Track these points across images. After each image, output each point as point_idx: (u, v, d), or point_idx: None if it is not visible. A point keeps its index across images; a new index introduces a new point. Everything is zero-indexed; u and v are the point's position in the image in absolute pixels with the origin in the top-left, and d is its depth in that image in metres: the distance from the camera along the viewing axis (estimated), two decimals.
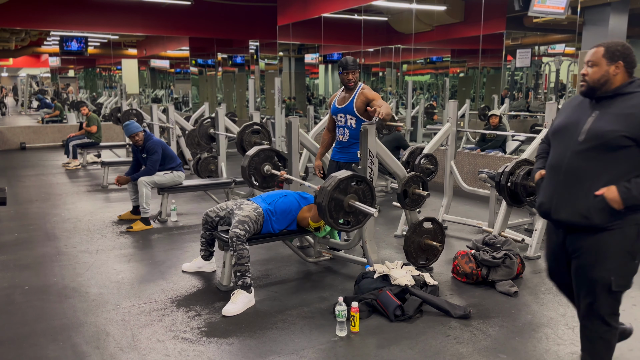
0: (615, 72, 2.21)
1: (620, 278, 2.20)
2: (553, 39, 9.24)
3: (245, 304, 3.25)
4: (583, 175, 2.18)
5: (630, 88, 2.18)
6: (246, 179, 4.16)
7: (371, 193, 3.25)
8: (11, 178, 7.87)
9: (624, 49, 2.22)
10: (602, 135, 2.13)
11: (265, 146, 4.24)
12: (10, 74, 28.14)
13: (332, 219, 3.13)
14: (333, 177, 3.15)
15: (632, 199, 2.10)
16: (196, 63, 14.59)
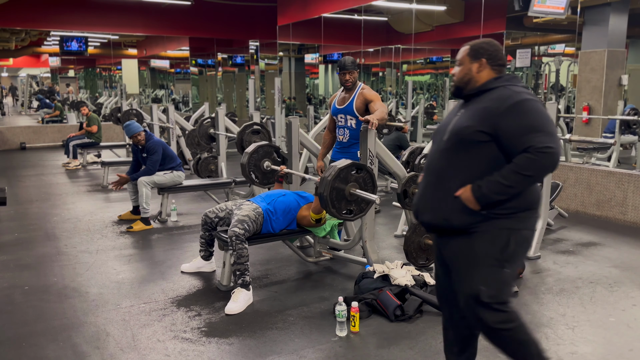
0: (479, 69, 2.12)
1: (490, 288, 2.00)
2: (553, 39, 9.24)
3: (245, 301, 3.27)
4: (444, 175, 2.08)
5: (496, 83, 2.07)
6: (246, 176, 4.15)
7: (372, 180, 3.25)
8: (11, 178, 7.87)
9: (488, 46, 2.13)
10: (459, 132, 2.04)
11: (263, 142, 4.24)
12: (10, 74, 28.14)
13: (334, 209, 3.13)
14: (333, 166, 3.15)
15: (484, 197, 1.95)
16: (196, 63, 14.60)
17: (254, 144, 4.21)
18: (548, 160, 1.90)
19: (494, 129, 1.96)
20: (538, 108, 1.97)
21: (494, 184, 1.94)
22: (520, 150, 1.91)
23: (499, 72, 2.12)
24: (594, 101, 7.75)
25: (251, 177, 4.15)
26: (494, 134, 1.96)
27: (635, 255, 4.28)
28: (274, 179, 4.18)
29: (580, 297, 3.42)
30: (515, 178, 1.91)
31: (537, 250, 4.23)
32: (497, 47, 2.15)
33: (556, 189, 4.90)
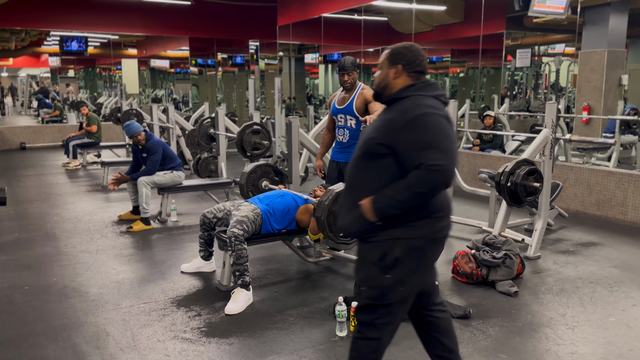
0: (395, 75, 2.05)
1: (368, 289, 2.03)
2: (553, 39, 9.24)
3: (245, 301, 3.27)
4: (354, 184, 2.06)
5: (406, 92, 2.00)
6: (245, 196, 4.20)
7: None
8: (11, 178, 7.87)
9: (406, 51, 2.06)
10: (365, 142, 2.00)
11: (261, 162, 4.30)
12: (10, 74, 28.14)
13: (331, 233, 3.14)
14: (331, 190, 3.16)
15: (380, 210, 1.92)
16: (196, 63, 14.60)
17: (251, 164, 4.25)
18: (438, 178, 1.86)
19: (393, 143, 1.92)
20: (435, 123, 1.90)
21: (388, 198, 1.91)
22: (414, 166, 1.87)
23: (416, 79, 2.04)
24: (594, 101, 7.75)
25: (249, 196, 4.19)
26: (393, 148, 1.92)
27: (635, 255, 4.28)
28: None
29: (580, 297, 3.42)
30: (407, 194, 1.88)
31: (537, 250, 4.23)
32: (416, 52, 2.06)
33: (556, 189, 4.91)
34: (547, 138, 4.26)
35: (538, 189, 4.03)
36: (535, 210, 4.58)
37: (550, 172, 4.32)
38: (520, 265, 3.71)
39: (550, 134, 4.25)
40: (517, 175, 3.99)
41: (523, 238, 4.20)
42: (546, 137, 4.26)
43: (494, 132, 5.41)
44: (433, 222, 2.00)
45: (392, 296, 2.02)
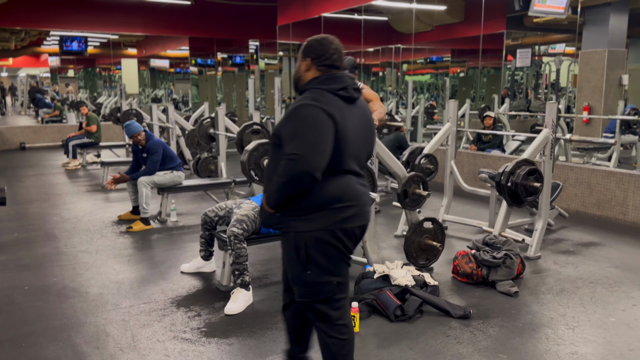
0: (306, 68, 2.07)
1: (300, 288, 2.04)
2: (553, 39, 9.24)
3: (245, 301, 3.27)
4: (267, 175, 2.09)
5: (308, 86, 2.03)
6: (246, 174, 4.14)
7: (372, 179, 3.24)
8: (11, 178, 7.87)
9: (317, 45, 2.06)
10: (272, 133, 2.06)
11: (263, 140, 4.22)
12: (10, 73, 28.14)
13: None
14: None
15: (268, 199, 1.98)
16: (196, 63, 14.59)
17: (254, 142, 4.19)
18: (293, 168, 1.87)
19: (280, 133, 1.98)
20: (307, 115, 1.92)
21: (269, 188, 1.98)
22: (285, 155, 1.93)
23: (325, 72, 2.05)
24: (594, 101, 7.75)
25: (251, 175, 4.14)
26: (281, 138, 1.97)
27: (636, 255, 4.27)
28: None
29: (580, 297, 3.42)
30: (277, 184, 1.93)
31: (537, 250, 4.23)
32: (326, 46, 2.06)
33: (556, 189, 4.90)
34: (548, 138, 4.26)
35: (538, 189, 4.02)
36: (535, 210, 4.58)
37: (550, 172, 4.32)
38: (520, 265, 3.71)
39: (550, 134, 4.25)
40: (518, 175, 3.99)
41: (523, 238, 4.20)
42: (546, 137, 4.26)
43: (494, 132, 5.40)
44: (332, 213, 1.99)
45: (326, 290, 2.04)
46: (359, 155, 2.10)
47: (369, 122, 2.16)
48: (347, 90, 2.04)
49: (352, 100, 2.06)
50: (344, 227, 2.02)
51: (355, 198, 2.05)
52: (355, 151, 2.05)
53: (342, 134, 1.97)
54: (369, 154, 2.21)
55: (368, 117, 2.16)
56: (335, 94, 2.01)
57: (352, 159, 2.05)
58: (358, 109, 2.10)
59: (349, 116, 2.02)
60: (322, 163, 1.91)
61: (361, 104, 2.14)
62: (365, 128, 2.12)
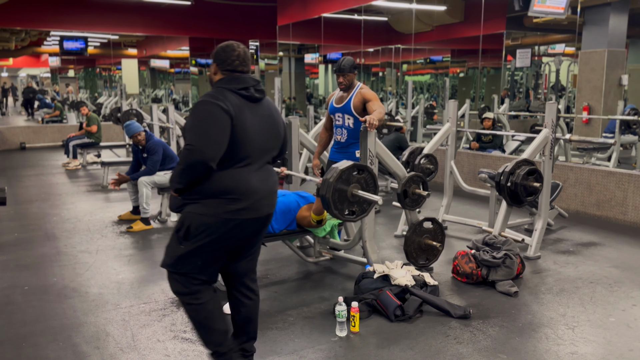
0: (214, 71, 2.31)
1: (166, 257, 2.34)
2: (553, 39, 9.24)
3: None
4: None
5: (215, 85, 2.28)
6: None
7: (373, 181, 3.25)
8: (11, 178, 7.87)
9: (221, 51, 2.28)
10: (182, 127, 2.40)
11: None
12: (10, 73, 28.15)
13: (336, 210, 3.13)
14: (335, 168, 3.15)
15: (170, 183, 2.25)
16: (196, 63, 14.59)
17: None
18: (189, 157, 2.11)
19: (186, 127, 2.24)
20: (204, 110, 2.14)
21: (174, 173, 2.21)
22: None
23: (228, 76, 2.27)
24: (594, 101, 7.75)
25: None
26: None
27: (636, 255, 4.28)
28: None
29: (580, 297, 3.42)
30: (177, 170, 2.17)
31: (537, 250, 4.23)
32: (229, 52, 2.26)
33: (556, 189, 4.90)
34: (547, 138, 4.26)
35: (538, 189, 4.02)
36: (535, 210, 4.58)
37: (550, 172, 4.32)
38: (520, 265, 3.71)
39: (550, 134, 4.25)
40: (517, 175, 3.99)
41: (523, 238, 4.20)
42: (546, 137, 4.26)
43: (494, 132, 5.41)
44: (222, 203, 2.19)
45: (186, 266, 2.29)
46: (262, 150, 2.29)
47: (274, 121, 2.36)
48: (247, 90, 2.24)
49: (255, 100, 2.27)
50: (231, 218, 2.21)
51: (248, 192, 2.23)
52: (256, 146, 2.25)
53: (239, 129, 2.17)
54: (278, 151, 2.44)
55: (274, 116, 2.38)
56: (236, 92, 2.22)
57: (253, 154, 2.25)
58: (262, 108, 2.31)
59: (250, 113, 2.23)
60: (215, 154, 2.12)
61: (267, 104, 2.35)
62: (270, 125, 2.33)
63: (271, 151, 2.37)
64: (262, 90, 2.32)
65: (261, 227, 2.39)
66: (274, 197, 2.39)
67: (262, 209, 2.30)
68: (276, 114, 2.39)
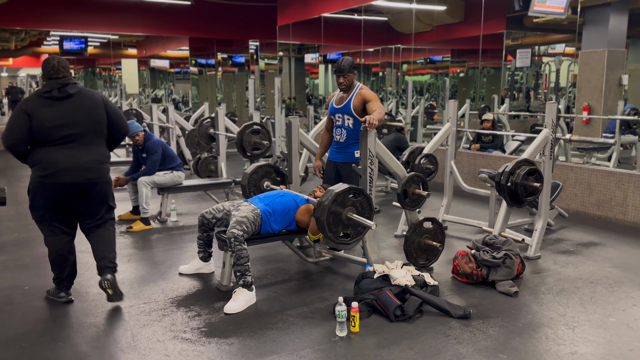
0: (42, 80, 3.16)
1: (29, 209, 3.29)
2: (553, 39, 9.24)
3: (246, 301, 3.26)
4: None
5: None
6: (247, 197, 4.20)
7: (369, 205, 3.27)
8: (11, 178, 7.87)
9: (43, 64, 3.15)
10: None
11: (262, 163, 4.29)
12: (10, 73, 28.14)
13: (331, 233, 3.15)
14: (330, 190, 3.16)
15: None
16: (196, 63, 14.60)
17: (253, 165, 4.25)
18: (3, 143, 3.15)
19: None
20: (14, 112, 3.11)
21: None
22: None
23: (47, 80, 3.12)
24: (594, 101, 7.75)
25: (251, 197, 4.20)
26: None
27: (636, 255, 4.28)
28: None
29: (580, 297, 3.42)
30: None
31: (537, 250, 4.23)
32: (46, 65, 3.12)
33: (556, 189, 4.90)
34: (547, 138, 4.26)
35: (538, 189, 4.02)
36: (535, 210, 4.58)
37: (550, 172, 4.32)
38: (520, 265, 3.71)
39: (550, 134, 4.25)
40: (517, 175, 3.99)
41: (523, 238, 4.20)
42: (546, 137, 4.26)
43: (494, 132, 5.41)
44: (36, 170, 3.12)
45: (35, 215, 3.24)
46: (64, 135, 3.09)
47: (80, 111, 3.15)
48: (50, 92, 3.08)
49: (58, 99, 3.10)
50: (40, 181, 3.11)
51: (49, 164, 3.09)
52: (55, 133, 3.07)
53: (37, 122, 3.05)
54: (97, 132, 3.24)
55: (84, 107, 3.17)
56: (41, 95, 3.10)
57: (53, 137, 3.08)
58: (68, 103, 3.12)
59: (49, 110, 3.08)
60: (15, 142, 3.08)
61: (78, 99, 3.16)
62: (72, 116, 3.12)
63: (80, 134, 3.15)
64: (66, 91, 3.11)
65: (69, 192, 3.15)
66: (81, 170, 3.14)
67: (63, 177, 3.09)
68: (89, 104, 3.19)
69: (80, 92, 3.17)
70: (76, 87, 3.16)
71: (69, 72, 3.21)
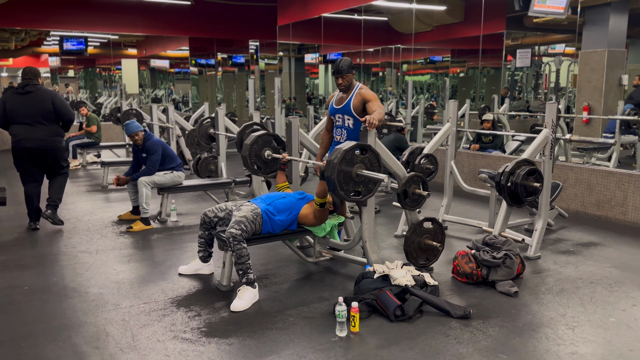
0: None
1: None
2: (553, 39, 9.24)
3: (251, 298, 3.27)
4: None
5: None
6: (248, 167, 4.13)
7: (377, 160, 3.25)
8: (11, 178, 7.87)
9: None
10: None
11: (262, 132, 4.22)
12: (10, 74, 28.13)
13: (342, 191, 3.13)
14: (338, 149, 3.15)
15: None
16: (196, 63, 14.59)
17: (252, 135, 4.17)
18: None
19: None
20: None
21: None
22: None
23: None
24: (594, 101, 7.75)
25: (253, 167, 4.14)
26: None
27: (636, 256, 4.28)
28: (277, 167, 4.17)
29: (580, 297, 3.42)
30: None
31: (537, 250, 4.23)
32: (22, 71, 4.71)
33: (556, 189, 4.90)
34: (547, 138, 4.26)
35: (538, 189, 4.03)
36: (535, 210, 4.58)
37: (550, 172, 4.32)
38: (520, 265, 3.71)
39: (550, 134, 4.25)
40: (517, 175, 3.99)
41: (523, 238, 4.20)
42: (546, 137, 4.26)
43: (494, 132, 5.41)
44: (12, 138, 4.83)
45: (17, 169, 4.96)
46: (25, 116, 4.81)
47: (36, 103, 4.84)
48: (16, 90, 4.88)
49: (23, 93, 4.84)
50: (13, 146, 4.83)
51: (15, 135, 4.80)
52: (19, 115, 4.80)
53: (9, 108, 4.82)
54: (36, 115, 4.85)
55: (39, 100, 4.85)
56: (13, 91, 4.88)
57: (18, 118, 4.81)
58: (29, 96, 4.84)
59: (16, 100, 4.84)
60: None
61: (36, 95, 4.85)
62: (30, 105, 4.83)
63: (36, 117, 4.81)
64: (26, 89, 4.84)
65: (32, 154, 4.85)
66: (35, 140, 4.81)
67: (25, 143, 4.79)
68: (41, 98, 4.85)
69: (36, 90, 4.87)
70: (35, 87, 4.87)
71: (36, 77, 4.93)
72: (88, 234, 4.91)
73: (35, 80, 4.90)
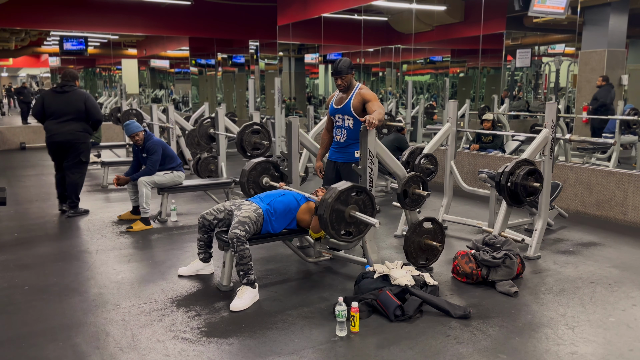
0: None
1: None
2: (553, 39, 9.24)
3: (251, 299, 3.27)
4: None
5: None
6: (246, 193, 4.20)
7: (371, 203, 3.27)
8: (11, 178, 7.87)
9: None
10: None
11: (261, 159, 4.28)
12: (10, 73, 28.14)
13: (333, 231, 3.15)
14: (333, 188, 3.16)
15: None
16: (196, 63, 14.59)
17: (252, 161, 4.23)
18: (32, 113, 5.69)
19: None
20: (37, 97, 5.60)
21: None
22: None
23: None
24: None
25: (251, 194, 4.19)
26: None
27: (635, 255, 4.28)
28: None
29: (580, 297, 3.42)
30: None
31: (537, 250, 4.23)
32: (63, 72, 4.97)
33: (556, 189, 4.90)
34: (547, 138, 4.26)
35: (538, 189, 4.02)
36: (535, 210, 4.58)
37: (550, 172, 4.32)
38: (520, 265, 3.71)
39: (550, 134, 4.25)
40: (517, 175, 3.99)
41: (523, 238, 4.20)
42: (546, 137, 4.26)
43: (494, 132, 5.41)
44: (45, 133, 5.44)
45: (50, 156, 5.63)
46: (59, 114, 5.38)
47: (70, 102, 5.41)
48: (55, 89, 5.50)
49: (60, 92, 5.42)
50: (47, 140, 5.45)
51: (48, 130, 5.40)
52: (55, 112, 5.38)
53: (46, 105, 5.41)
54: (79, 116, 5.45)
55: (72, 99, 5.42)
56: (52, 90, 5.57)
57: (54, 115, 5.38)
58: (65, 96, 5.42)
59: (53, 98, 5.44)
60: (37, 116, 5.49)
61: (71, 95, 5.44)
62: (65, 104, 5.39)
63: (68, 115, 5.38)
64: (64, 89, 5.43)
65: (61, 147, 5.43)
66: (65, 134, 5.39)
67: (55, 138, 5.38)
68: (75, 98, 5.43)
69: (73, 91, 5.45)
70: (71, 88, 5.44)
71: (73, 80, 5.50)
72: (88, 234, 4.91)
73: (73, 82, 5.47)
